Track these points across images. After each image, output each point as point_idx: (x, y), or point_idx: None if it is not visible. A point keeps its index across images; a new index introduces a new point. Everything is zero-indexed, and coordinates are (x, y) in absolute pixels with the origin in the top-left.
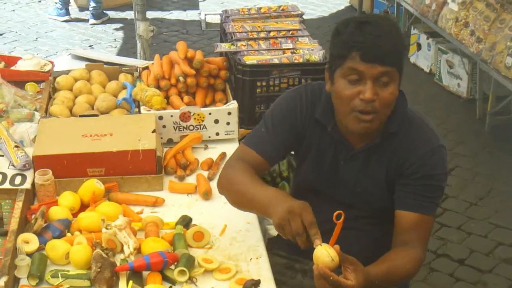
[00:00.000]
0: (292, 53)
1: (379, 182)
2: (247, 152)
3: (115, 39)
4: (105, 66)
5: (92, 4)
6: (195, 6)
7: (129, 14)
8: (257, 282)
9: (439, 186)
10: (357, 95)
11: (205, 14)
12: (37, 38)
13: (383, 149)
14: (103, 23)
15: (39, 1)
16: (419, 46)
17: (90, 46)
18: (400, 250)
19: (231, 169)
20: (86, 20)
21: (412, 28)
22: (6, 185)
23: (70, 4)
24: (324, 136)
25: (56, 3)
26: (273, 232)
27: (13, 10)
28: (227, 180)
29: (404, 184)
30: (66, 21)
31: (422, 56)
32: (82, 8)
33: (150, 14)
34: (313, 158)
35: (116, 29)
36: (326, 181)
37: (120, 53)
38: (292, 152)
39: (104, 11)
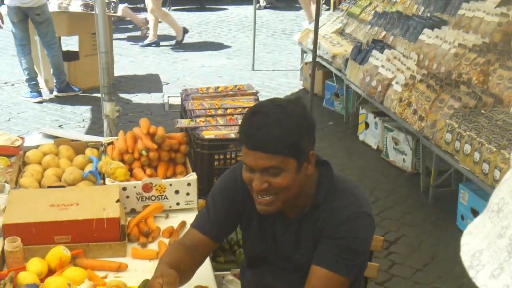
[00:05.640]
0: None
1: (311, 249)
2: (192, 233)
3: (83, 120)
4: (72, 142)
5: (55, 80)
6: (159, 89)
7: (97, 97)
8: None
9: (355, 250)
10: (252, 180)
11: (168, 97)
12: (9, 118)
13: (312, 219)
14: (71, 104)
15: (12, 85)
16: (367, 125)
17: (60, 126)
18: None
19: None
20: (57, 102)
21: (360, 108)
22: None
23: (40, 88)
24: None
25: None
26: None
27: None
28: None
29: (321, 243)
30: (39, 102)
31: (370, 134)
32: (52, 91)
33: (117, 96)
34: (256, 231)
35: (85, 110)
36: (269, 251)
37: (88, 132)
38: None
39: (72, 86)
